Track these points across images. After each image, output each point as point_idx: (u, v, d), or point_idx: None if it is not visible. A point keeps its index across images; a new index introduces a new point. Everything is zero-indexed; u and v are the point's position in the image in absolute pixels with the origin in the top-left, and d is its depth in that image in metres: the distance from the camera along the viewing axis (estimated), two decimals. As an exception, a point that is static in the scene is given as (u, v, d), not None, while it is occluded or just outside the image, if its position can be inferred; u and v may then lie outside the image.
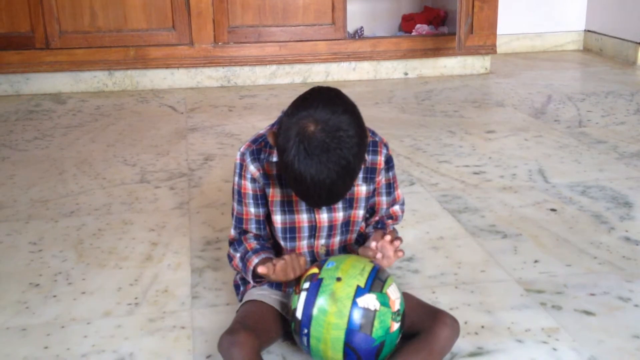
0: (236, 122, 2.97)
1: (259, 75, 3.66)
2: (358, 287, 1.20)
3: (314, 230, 1.37)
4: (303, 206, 1.35)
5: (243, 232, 1.39)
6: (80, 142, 2.74)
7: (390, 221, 1.46)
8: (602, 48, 4.36)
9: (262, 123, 2.89)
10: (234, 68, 3.64)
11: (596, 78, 3.76)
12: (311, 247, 1.38)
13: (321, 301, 1.20)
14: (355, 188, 1.37)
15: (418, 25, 4.01)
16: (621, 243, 1.83)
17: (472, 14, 3.71)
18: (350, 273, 1.22)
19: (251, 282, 1.37)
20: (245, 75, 3.66)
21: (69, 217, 2.03)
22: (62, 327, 1.47)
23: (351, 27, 4.01)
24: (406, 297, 1.37)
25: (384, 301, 1.21)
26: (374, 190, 1.41)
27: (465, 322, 1.44)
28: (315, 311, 1.20)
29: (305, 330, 1.21)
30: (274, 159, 1.32)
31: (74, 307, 1.55)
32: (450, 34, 3.85)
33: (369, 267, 1.24)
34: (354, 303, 1.19)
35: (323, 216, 1.36)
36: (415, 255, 1.77)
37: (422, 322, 1.30)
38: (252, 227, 1.39)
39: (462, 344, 1.34)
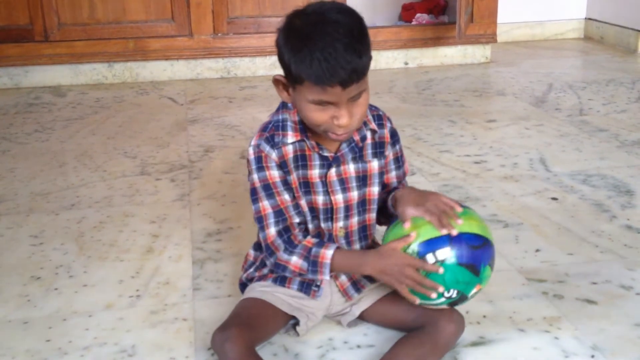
0: (236, 114, 2.96)
1: (259, 66, 3.65)
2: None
3: (329, 212, 1.33)
4: (319, 188, 1.31)
5: (285, 230, 1.29)
6: (80, 135, 2.74)
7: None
8: (603, 36, 4.34)
9: (262, 114, 2.88)
10: (233, 59, 3.63)
11: (597, 66, 3.74)
12: (329, 230, 1.34)
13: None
14: (368, 164, 1.34)
15: (418, 15, 4.00)
16: (623, 231, 1.82)
17: (472, 2, 3.70)
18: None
19: (327, 278, 1.29)
20: (245, 67, 3.65)
21: (70, 210, 2.03)
22: (63, 320, 1.47)
23: (351, 17, 3.99)
24: None
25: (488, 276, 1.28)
26: (385, 165, 1.39)
27: (467, 312, 1.43)
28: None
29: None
30: (290, 140, 1.29)
31: (76, 300, 1.55)
32: (450, 23, 3.84)
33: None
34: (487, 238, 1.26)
35: (338, 197, 1.32)
36: (416, 245, 1.76)
37: (428, 316, 1.29)
38: (294, 214, 1.30)
39: (464, 334, 1.34)
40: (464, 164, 2.32)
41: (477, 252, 1.23)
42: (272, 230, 1.29)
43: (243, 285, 1.45)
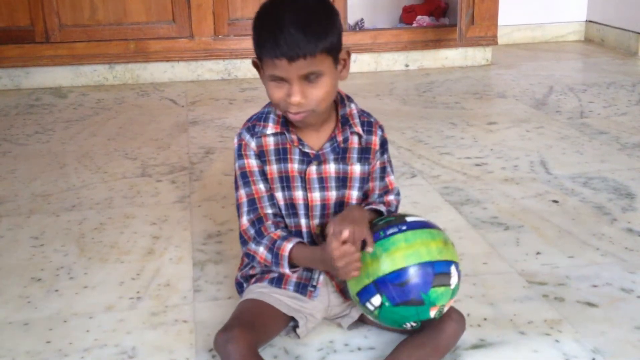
0: (237, 115, 2.96)
1: (260, 67, 3.65)
2: (458, 263, 1.25)
3: (307, 209, 1.34)
4: (298, 182, 1.33)
5: (257, 221, 1.32)
6: (81, 136, 2.74)
7: (382, 206, 1.38)
8: (603, 38, 4.35)
9: (263, 116, 2.88)
10: (234, 61, 3.63)
11: (598, 69, 3.74)
12: (308, 228, 1.35)
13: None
14: (349, 167, 1.35)
15: (419, 17, 4.00)
16: (623, 234, 1.82)
17: (473, 5, 3.70)
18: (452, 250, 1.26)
19: (287, 271, 1.30)
20: (246, 68, 3.64)
21: (71, 212, 2.03)
22: (64, 322, 1.47)
23: (352, 19, 4.00)
24: None
25: (454, 293, 1.24)
26: (369, 173, 1.38)
27: (468, 315, 1.43)
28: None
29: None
30: (269, 131, 1.32)
31: (76, 302, 1.55)
32: (451, 25, 3.84)
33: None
34: (450, 262, 1.23)
35: (315, 195, 1.33)
36: (417, 247, 1.76)
37: None
38: (267, 205, 1.33)
39: (464, 336, 1.34)
40: (464, 166, 2.32)
41: (407, 287, 1.19)
42: (244, 219, 1.33)
43: (239, 285, 1.46)
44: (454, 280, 1.23)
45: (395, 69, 3.77)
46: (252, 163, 1.33)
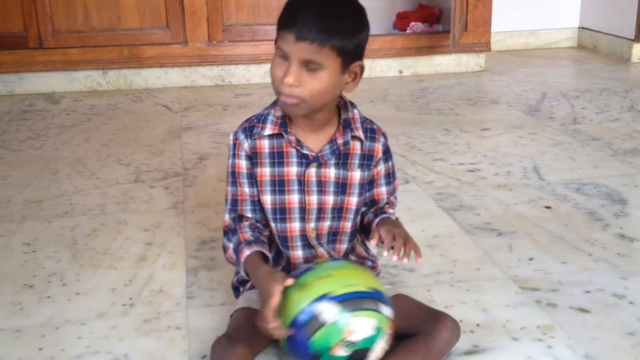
0: (231, 121, 2.96)
1: (254, 73, 3.66)
2: (328, 293, 1.15)
3: (303, 212, 1.34)
4: (294, 186, 1.33)
5: (238, 218, 1.35)
6: (74, 142, 2.73)
7: (387, 207, 1.42)
8: (596, 45, 4.37)
9: (256, 122, 2.88)
10: (228, 67, 3.63)
11: (590, 75, 3.76)
12: (303, 231, 1.35)
13: (300, 281, 1.19)
14: (349, 173, 1.35)
15: (413, 23, 4.01)
16: (616, 240, 1.83)
17: (467, 11, 3.71)
18: (340, 278, 1.19)
19: (242, 273, 1.32)
20: (240, 74, 3.65)
21: (63, 218, 2.02)
22: (56, 328, 1.47)
23: (345, 25, 4.00)
24: (405, 300, 1.36)
25: (342, 323, 1.14)
26: (370, 180, 1.39)
27: (461, 321, 1.43)
28: (291, 287, 1.19)
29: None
30: (267, 132, 1.32)
31: (68, 308, 1.54)
32: (444, 31, 3.85)
33: (361, 287, 1.18)
34: (312, 302, 1.15)
35: (313, 198, 1.33)
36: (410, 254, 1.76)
37: (422, 324, 1.29)
38: (247, 209, 1.35)
39: (457, 342, 1.34)
40: (457, 173, 2.33)
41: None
42: (227, 216, 1.37)
43: (235, 289, 1.46)
44: (327, 316, 1.14)
45: (389, 75, 3.78)
46: (242, 164, 1.34)
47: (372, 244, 1.26)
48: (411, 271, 1.68)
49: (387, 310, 1.20)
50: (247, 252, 1.29)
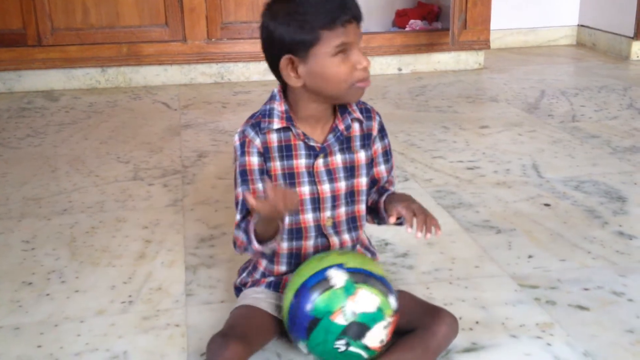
0: (230, 119, 2.96)
1: (253, 71, 3.66)
2: (343, 263, 1.22)
3: (317, 202, 1.34)
4: (304, 178, 1.32)
5: (248, 213, 1.31)
6: (73, 140, 2.73)
7: (388, 185, 1.42)
8: (595, 43, 4.37)
9: (255, 119, 2.88)
10: (227, 64, 3.63)
11: (589, 73, 3.76)
12: (317, 221, 1.34)
13: (318, 255, 1.28)
14: (355, 155, 1.35)
15: (412, 21, 4.01)
16: (615, 237, 1.83)
17: (466, 9, 3.71)
18: (355, 257, 1.26)
19: (257, 246, 1.27)
20: (239, 72, 3.65)
21: (62, 215, 2.02)
22: (55, 326, 1.47)
23: (345, 23, 4.00)
24: (404, 296, 1.36)
25: (348, 289, 1.20)
26: (372, 158, 1.39)
27: (460, 318, 1.43)
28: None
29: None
30: (275, 126, 1.31)
31: (67, 306, 1.54)
32: (443, 29, 3.85)
33: (374, 269, 1.24)
34: (326, 268, 1.22)
35: (325, 187, 1.33)
36: (409, 251, 1.77)
37: (420, 320, 1.29)
38: None
39: (456, 340, 1.34)
40: (457, 170, 2.33)
41: (295, 318, 1.23)
42: (238, 216, 1.34)
43: (238, 290, 1.45)
44: (337, 280, 1.21)
45: (388, 73, 3.78)
46: (254, 161, 1.32)
47: (390, 221, 1.28)
48: (410, 268, 1.68)
49: (392, 300, 1.24)
50: (253, 221, 1.28)
